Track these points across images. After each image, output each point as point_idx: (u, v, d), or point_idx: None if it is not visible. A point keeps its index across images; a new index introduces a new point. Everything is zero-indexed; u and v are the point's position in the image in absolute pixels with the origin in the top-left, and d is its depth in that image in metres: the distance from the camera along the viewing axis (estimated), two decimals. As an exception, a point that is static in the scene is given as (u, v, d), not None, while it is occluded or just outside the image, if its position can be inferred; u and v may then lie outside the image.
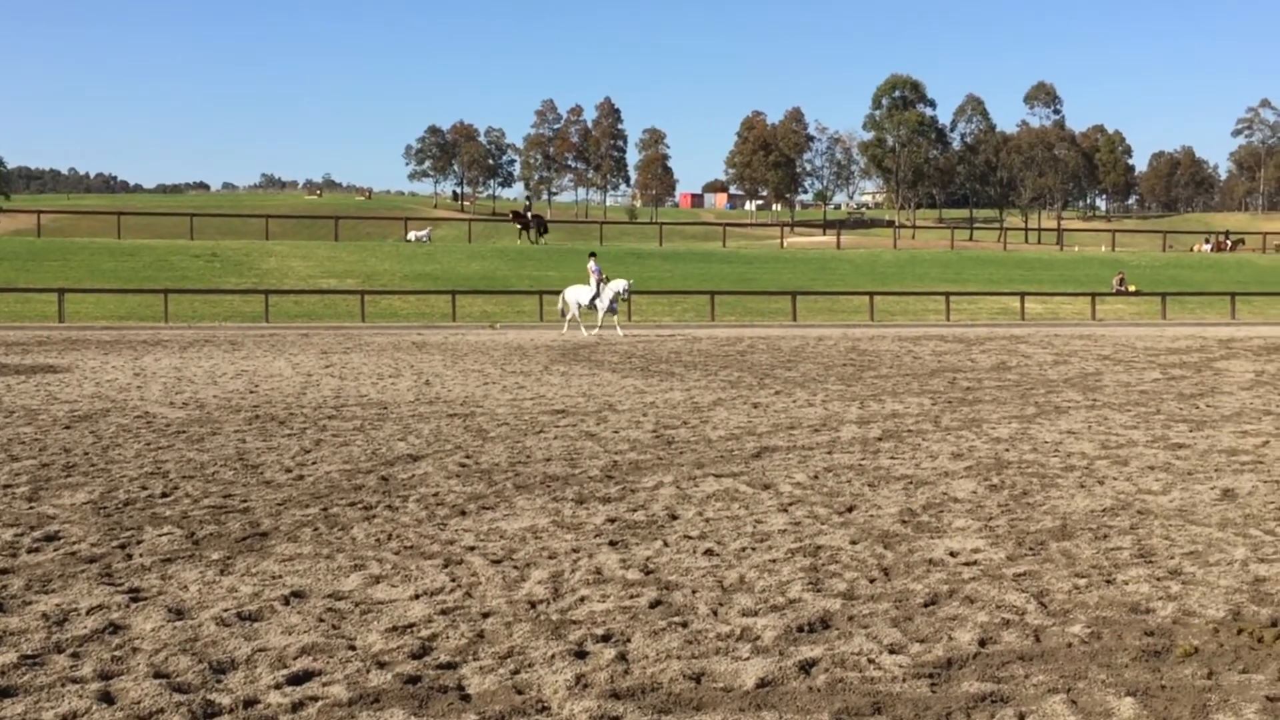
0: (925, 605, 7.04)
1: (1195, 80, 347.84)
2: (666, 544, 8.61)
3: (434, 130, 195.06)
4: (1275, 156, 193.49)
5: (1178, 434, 14.23)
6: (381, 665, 5.98)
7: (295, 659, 6.08)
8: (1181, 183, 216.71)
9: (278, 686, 5.69)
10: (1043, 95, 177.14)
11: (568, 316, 37.37)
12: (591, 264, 38.26)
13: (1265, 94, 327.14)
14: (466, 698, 5.58)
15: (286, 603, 7.09)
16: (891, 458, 12.49)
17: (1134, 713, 5.34)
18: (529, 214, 74.29)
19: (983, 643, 6.33)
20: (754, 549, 8.46)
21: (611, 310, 36.53)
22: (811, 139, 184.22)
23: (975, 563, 8.05)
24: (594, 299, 36.77)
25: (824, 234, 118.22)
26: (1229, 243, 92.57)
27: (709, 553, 8.34)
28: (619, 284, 36.47)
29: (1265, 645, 6.28)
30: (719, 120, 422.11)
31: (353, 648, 6.26)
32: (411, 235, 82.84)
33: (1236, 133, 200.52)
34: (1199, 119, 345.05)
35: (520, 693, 5.62)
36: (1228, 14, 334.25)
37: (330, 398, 17.89)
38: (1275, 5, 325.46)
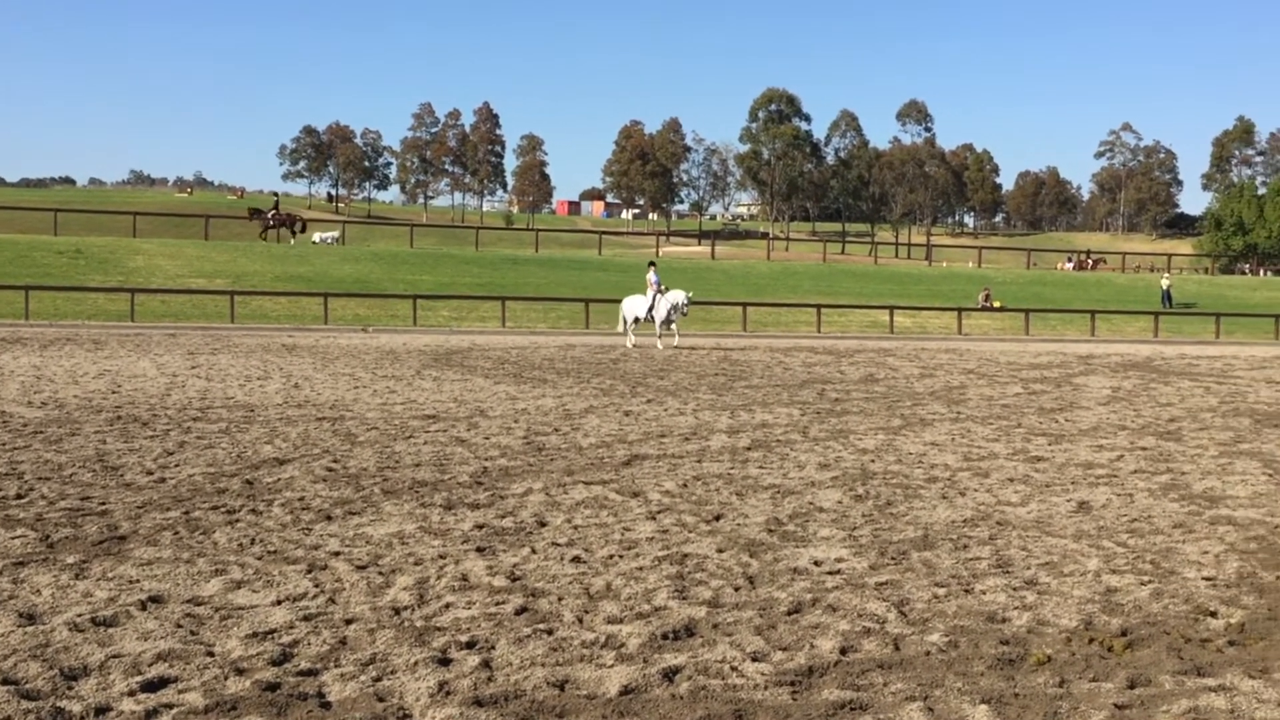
0: (789, 614, 7.12)
1: (1061, 103, 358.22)
2: (534, 551, 8.59)
3: (309, 130, 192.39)
4: (1135, 179, 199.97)
5: (1037, 447, 14.61)
6: (240, 672, 5.87)
7: (150, 665, 5.94)
8: (1046, 202, 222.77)
9: (131, 694, 5.55)
10: (915, 113, 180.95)
11: (626, 329, 35.27)
12: (651, 274, 35.50)
13: (1127, 118, 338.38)
14: (327, 705, 5.50)
15: (143, 608, 6.92)
16: (760, 467, 12.62)
17: None
18: (273, 212, 66.86)
19: (844, 651, 6.42)
20: (621, 556, 8.48)
21: (668, 323, 34.29)
22: (689, 150, 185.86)
23: (839, 572, 8.17)
24: (650, 310, 34.53)
25: (699, 244, 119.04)
26: (1090, 262, 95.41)
27: (576, 560, 8.34)
28: (677, 295, 34.09)
29: (1115, 654, 6.47)
30: (597, 129, 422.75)
31: (211, 654, 6.13)
32: (317, 237, 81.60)
33: (1099, 155, 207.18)
34: (1064, 140, 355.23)
35: (382, 700, 5.56)
36: (1092, 39, 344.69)
37: (196, 399, 17.51)
38: (1136, 33, 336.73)
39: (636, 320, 34.93)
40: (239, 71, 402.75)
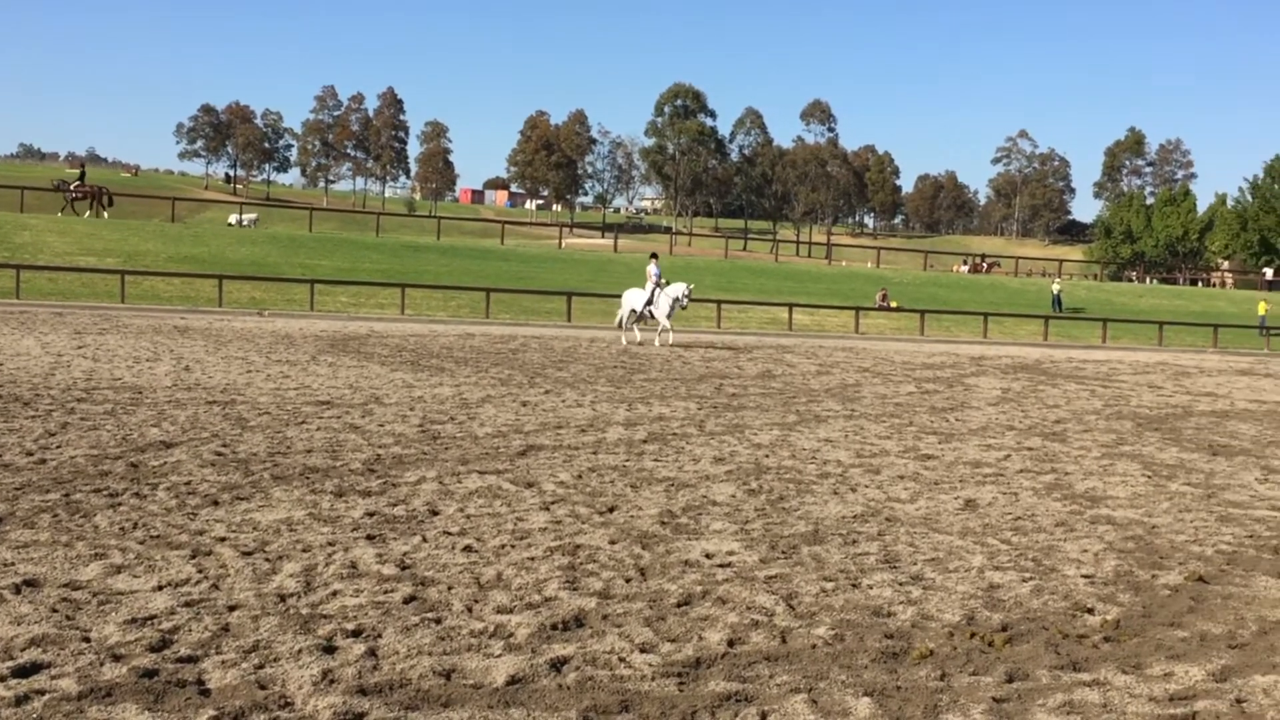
0: (678, 605, 7.15)
1: (961, 109, 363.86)
2: (425, 539, 8.52)
3: (208, 109, 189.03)
4: (1030, 185, 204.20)
5: (928, 445, 14.83)
6: (117, 658, 5.74)
7: (23, 650, 5.79)
8: (944, 205, 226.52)
9: (2, 679, 5.40)
10: (818, 113, 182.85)
11: (624, 325, 33.99)
12: (651, 267, 34.16)
13: (1024, 125, 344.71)
14: (206, 692, 5.40)
15: (18, 591, 6.74)
16: (655, 460, 12.66)
17: (870, 712, 5.53)
18: (77, 184, 63.73)
19: (731, 643, 6.46)
20: (513, 546, 8.45)
21: (668, 318, 32.97)
22: (594, 142, 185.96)
23: (729, 565, 8.22)
24: (648, 304, 33.14)
25: (602, 237, 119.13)
26: (984, 265, 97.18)
27: (468, 549, 8.29)
28: (678, 288, 32.71)
29: (995, 649, 6.59)
30: (503, 117, 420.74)
31: (87, 639, 5.99)
32: (233, 219, 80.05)
33: (996, 161, 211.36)
34: (963, 146, 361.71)
35: (263, 688, 5.47)
36: (993, 47, 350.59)
37: (81, 380, 17.10)
38: (1035, 42, 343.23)
39: (635, 314, 33.50)
40: (136, 45, 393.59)
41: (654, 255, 36.35)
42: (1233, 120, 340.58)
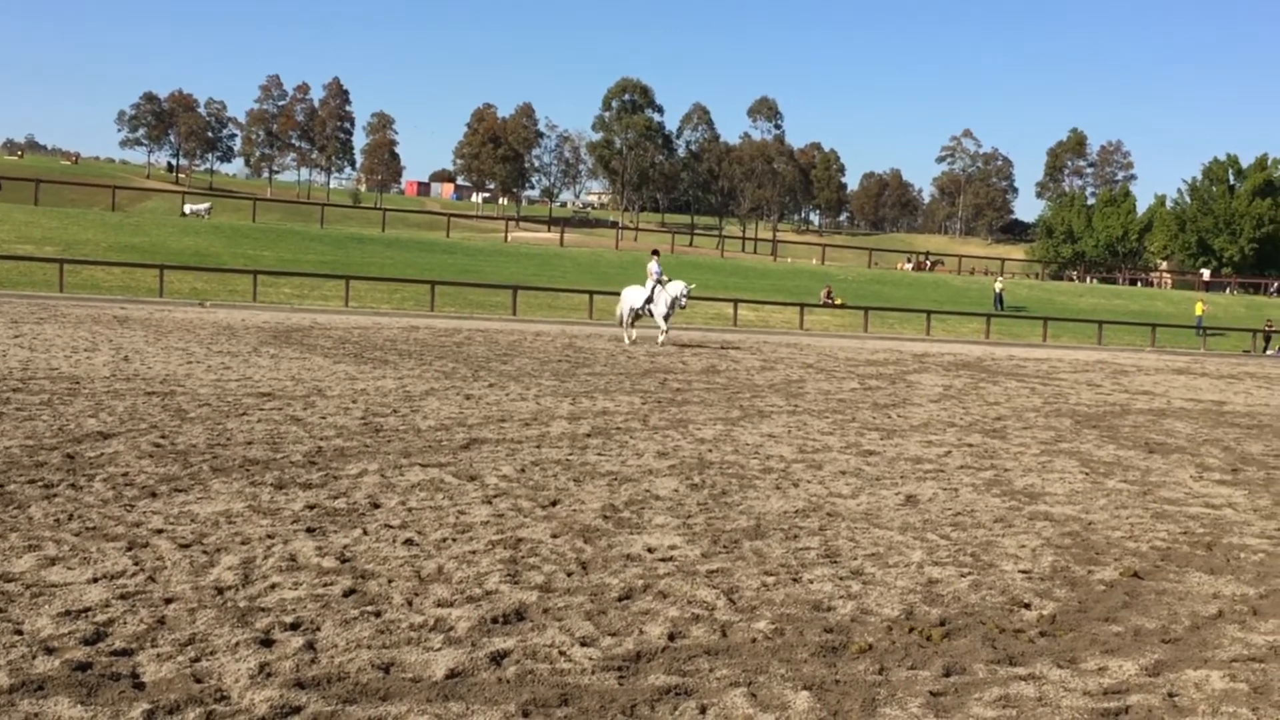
0: (619, 599, 7.15)
1: (907, 108, 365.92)
2: (366, 532, 8.47)
3: (150, 97, 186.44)
4: (974, 185, 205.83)
5: (870, 441, 14.92)
6: (50, 651, 5.66)
7: (-47, 644, 5.70)
8: (889, 203, 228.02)
9: (-69, 673, 5.32)
10: (765, 110, 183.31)
11: (624, 323, 32.97)
12: (653, 264, 33.06)
13: (968, 125, 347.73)
14: (140, 686, 5.34)
15: (-52, 584, 6.63)
16: (599, 454, 12.65)
17: (808, 706, 5.56)
18: None
19: (672, 637, 6.47)
20: (455, 540, 8.42)
21: (667, 317, 32.02)
22: (541, 135, 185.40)
23: (671, 559, 8.23)
24: (648, 302, 32.16)
25: (549, 231, 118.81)
26: (928, 263, 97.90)
27: (409, 542, 8.26)
28: (677, 287, 31.70)
29: (933, 643, 6.64)
30: (450, 110, 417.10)
31: (19, 632, 5.91)
32: (188, 208, 79.24)
33: (940, 159, 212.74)
34: (908, 144, 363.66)
35: (199, 681, 5.42)
36: (939, 47, 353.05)
37: (17, 369, 16.85)
38: (980, 42, 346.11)
39: (634, 313, 32.59)
40: (77, 30, 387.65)
41: (655, 252, 35.18)
42: (1172, 123, 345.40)
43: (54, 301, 34.71)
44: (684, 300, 31.66)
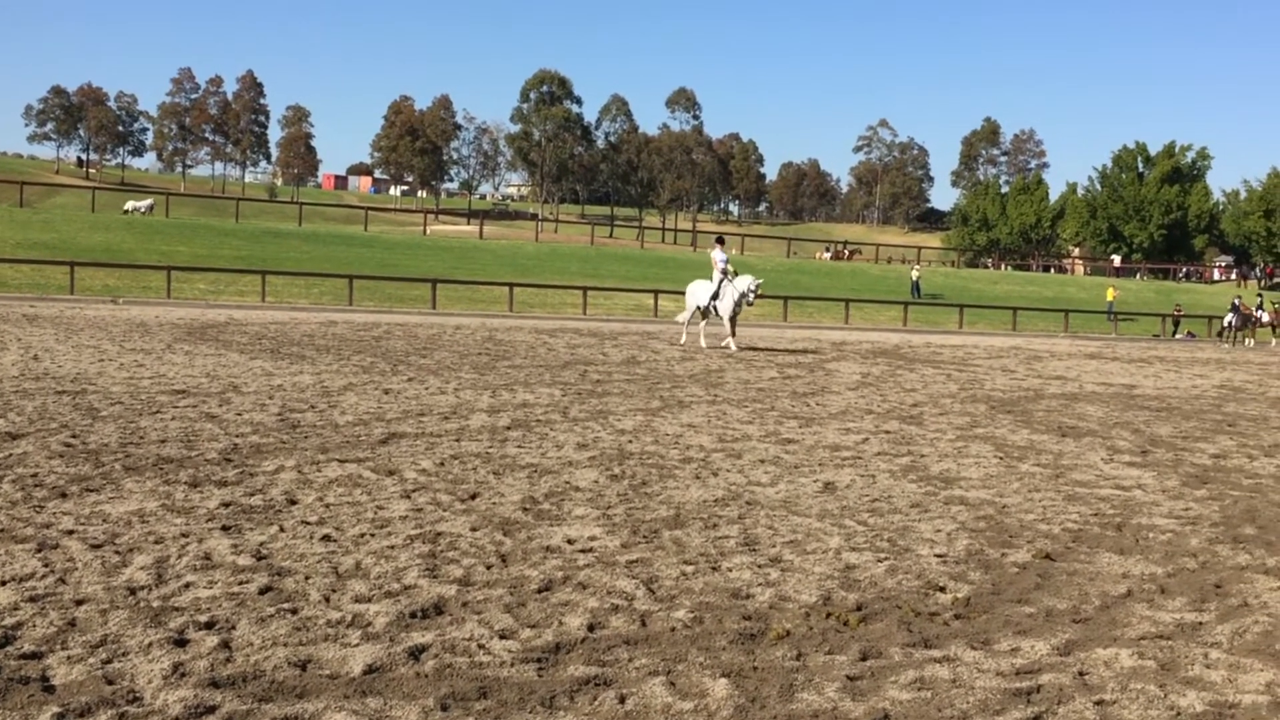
0: (539, 591, 7.15)
1: (824, 97, 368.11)
2: (283, 529, 8.39)
3: (58, 91, 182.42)
4: (890, 174, 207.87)
5: (788, 430, 15.04)
6: (-44, 657, 5.55)
7: None
8: (807, 193, 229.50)
9: None
10: (684, 100, 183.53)
11: (685, 321, 30.88)
12: (717, 253, 29.94)
13: (884, 114, 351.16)
14: (50, 689, 5.25)
15: None
16: (519, 446, 12.63)
17: (726, 693, 5.60)
18: None
19: (591, 627, 6.48)
20: (373, 535, 8.36)
21: (734, 317, 29.15)
22: (459, 128, 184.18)
23: (591, 550, 8.25)
24: (714, 299, 29.19)
25: (468, 223, 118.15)
26: (846, 252, 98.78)
27: (326, 539, 8.19)
28: (745, 281, 28.68)
29: (850, 628, 6.72)
30: (366, 102, 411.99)
31: (-76, 639, 5.79)
32: (130, 205, 77.97)
33: (857, 149, 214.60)
34: (825, 134, 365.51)
35: (111, 683, 5.34)
36: (854, 36, 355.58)
37: (-79, 370, 16.47)
38: (894, 31, 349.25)
39: (700, 311, 29.91)
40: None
41: (719, 239, 32.03)
42: (1083, 111, 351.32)
43: (-40, 300, 33.94)
44: (752, 297, 28.83)
